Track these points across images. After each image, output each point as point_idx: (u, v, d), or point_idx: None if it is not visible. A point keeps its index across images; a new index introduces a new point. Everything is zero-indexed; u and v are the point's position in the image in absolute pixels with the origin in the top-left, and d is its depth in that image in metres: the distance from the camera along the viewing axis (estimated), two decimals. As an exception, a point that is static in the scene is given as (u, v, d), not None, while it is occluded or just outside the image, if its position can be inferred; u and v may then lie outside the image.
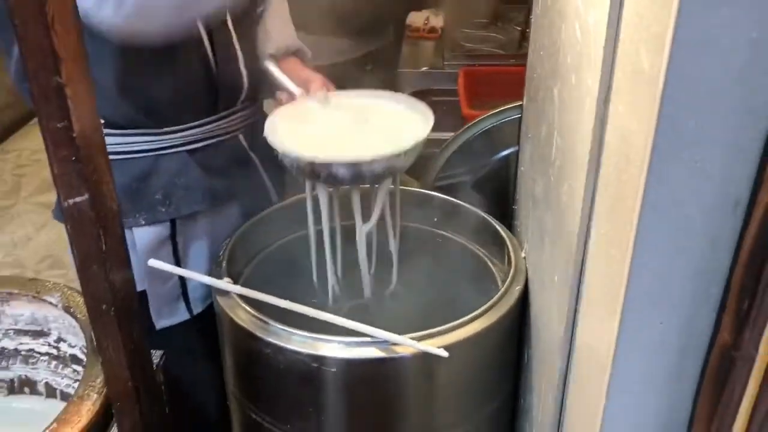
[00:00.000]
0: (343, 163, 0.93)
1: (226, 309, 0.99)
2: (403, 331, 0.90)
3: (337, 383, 0.93)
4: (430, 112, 1.02)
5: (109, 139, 1.04)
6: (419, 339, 0.90)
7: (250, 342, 0.95)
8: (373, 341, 0.90)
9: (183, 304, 1.19)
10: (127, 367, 0.89)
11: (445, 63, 1.98)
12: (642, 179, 0.49)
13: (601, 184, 0.59)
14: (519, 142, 1.19)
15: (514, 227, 1.20)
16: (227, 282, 1.01)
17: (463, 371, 0.96)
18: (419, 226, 1.21)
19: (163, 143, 1.12)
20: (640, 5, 0.50)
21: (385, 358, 0.90)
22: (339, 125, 1.05)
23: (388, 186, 1.00)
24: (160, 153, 1.12)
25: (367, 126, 1.04)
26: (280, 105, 1.13)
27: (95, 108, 0.74)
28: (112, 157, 1.07)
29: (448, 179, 1.29)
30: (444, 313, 1.05)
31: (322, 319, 0.93)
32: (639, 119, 0.49)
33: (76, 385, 1.02)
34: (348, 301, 1.11)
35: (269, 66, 1.16)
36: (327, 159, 0.94)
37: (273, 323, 0.93)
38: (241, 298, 0.98)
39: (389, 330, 0.91)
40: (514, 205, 1.23)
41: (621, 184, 0.54)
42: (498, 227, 1.12)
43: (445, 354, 0.87)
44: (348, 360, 0.90)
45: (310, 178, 1.00)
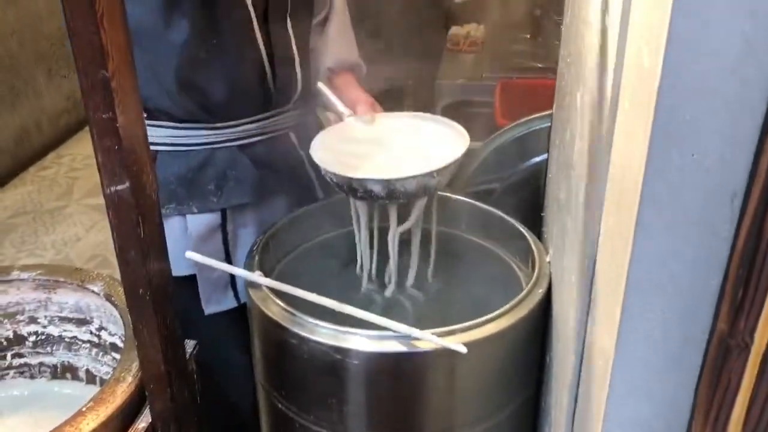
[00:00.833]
0: (377, 181, 0.98)
1: (256, 300, 1.03)
2: (427, 328, 0.93)
3: (360, 375, 0.96)
4: (466, 134, 1.07)
5: (169, 131, 1.19)
6: (440, 335, 0.92)
7: (278, 332, 0.98)
8: (396, 335, 0.93)
9: (231, 292, 1.26)
10: (161, 351, 0.94)
11: (484, 75, 2.00)
12: (641, 171, 0.51)
13: (609, 181, 0.62)
14: (548, 150, 1.21)
15: (543, 233, 1.21)
16: (258, 275, 1.05)
17: (484, 369, 0.98)
18: (448, 230, 1.24)
19: (217, 137, 1.19)
20: (643, 6, 0.52)
21: (406, 352, 0.93)
22: (379, 145, 1.10)
23: (423, 203, 1.04)
24: (214, 146, 1.20)
25: (405, 146, 1.09)
26: (329, 124, 1.19)
27: (139, 101, 0.79)
28: (172, 148, 1.21)
29: (479, 185, 1.32)
30: (468, 313, 1.07)
31: (346, 312, 0.96)
32: (640, 114, 0.52)
33: (114, 371, 1.07)
34: (377, 299, 1.14)
35: (321, 87, 1.22)
36: (362, 177, 0.98)
37: (299, 314, 0.97)
38: (271, 290, 1.02)
39: (413, 326, 0.93)
40: (542, 213, 1.24)
41: (624, 177, 0.56)
42: (524, 232, 1.14)
43: (463, 350, 0.89)
44: (370, 353, 0.93)
45: (349, 193, 1.04)
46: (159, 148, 1.20)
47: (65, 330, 1.27)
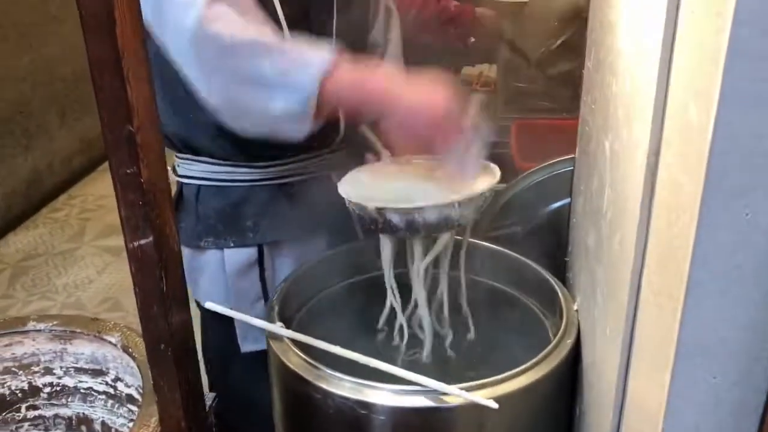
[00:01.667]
0: (395, 210, 0.95)
1: (277, 352, 1.00)
2: (452, 381, 0.90)
3: (385, 431, 0.93)
4: (497, 172, 1.04)
5: (211, 167, 1.22)
6: (469, 389, 0.89)
7: (300, 386, 0.96)
8: (423, 390, 0.90)
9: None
10: (182, 407, 0.91)
11: (499, 116, 2.00)
12: (692, 231, 0.49)
13: (652, 236, 0.60)
14: (571, 194, 1.19)
15: (567, 279, 1.19)
16: (279, 326, 1.03)
17: (513, 424, 0.95)
18: (470, 277, 1.21)
19: (255, 176, 1.21)
20: (689, 61, 0.51)
21: (434, 407, 0.90)
22: (409, 181, 1.08)
23: (445, 239, 1.02)
24: (253, 184, 1.21)
25: (435, 182, 1.06)
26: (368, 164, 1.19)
27: (163, 155, 0.79)
28: (212, 183, 1.22)
29: (500, 230, 1.30)
30: (495, 364, 1.05)
31: (372, 366, 0.94)
32: (688, 171, 0.50)
33: (131, 425, 1.04)
34: (402, 350, 1.11)
35: (363, 129, 1.22)
36: (380, 206, 0.96)
37: (323, 368, 0.94)
38: (293, 342, 1.00)
39: (439, 379, 0.91)
40: (566, 258, 1.22)
41: (671, 235, 0.54)
42: (550, 279, 1.11)
43: (494, 405, 0.87)
44: (396, 408, 0.91)
45: (371, 225, 1.03)
46: (201, 183, 1.23)
47: (81, 381, 1.25)
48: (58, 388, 1.25)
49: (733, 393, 0.53)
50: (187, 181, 1.24)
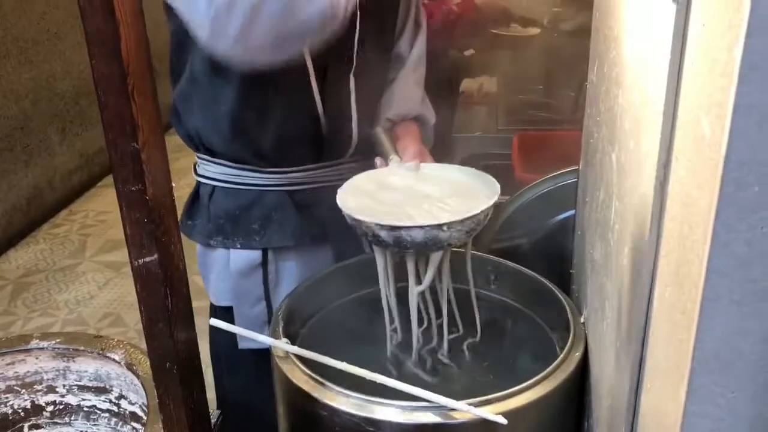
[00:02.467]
0: (382, 227, 0.95)
1: (282, 368, 0.99)
2: (458, 395, 0.89)
3: (393, 448, 0.92)
4: (496, 192, 1.02)
5: (222, 169, 1.24)
6: (477, 405, 0.88)
7: (306, 402, 0.95)
8: (430, 406, 0.89)
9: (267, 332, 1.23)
10: (187, 426, 0.90)
11: (499, 128, 2.00)
12: (706, 245, 0.49)
13: (663, 249, 0.59)
14: (576, 206, 1.19)
15: (572, 292, 1.18)
16: (285, 342, 1.02)
17: (522, 439, 0.94)
18: (475, 289, 1.21)
19: (266, 181, 1.23)
20: (699, 73, 0.50)
21: (442, 423, 0.89)
22: (410, 194, 1.07)
23: (438, 258, 1.01)
24: (263, 188, 1.23)
25: (435, 197, 1.05)
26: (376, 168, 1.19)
27: (168, 172, 0.78)
28: (225, 184, 1.25)
29: (504, 242, 1.29)
30: (501, 378, 1.04)
31: (379, 382, 0.93)
32: (701, 185, 0.49)
33: (135, 442, 1.03)
34: (404, 363, 1.10)
35: (377, 132, 1.22)
36: (368, 220, 0.96)
37: (329, 384, 0.93)
38: (298, 358, 0.99)
39: (444, 394, 0.90)
40: (571, 270, 1.22)
41: (685, 249, 0.54)
42: (556, 291, 1.11)
43: (503, 421, 0.86)
44: (404, 425, 0.90)
45: (362, 237, 1.02)
46: (215, 184, 1.26)
47: (84, 399, 1.24)
48: (61, 407, 1.24)
49: (751, 408, 0.52)
50: (204, 180, 1.28)
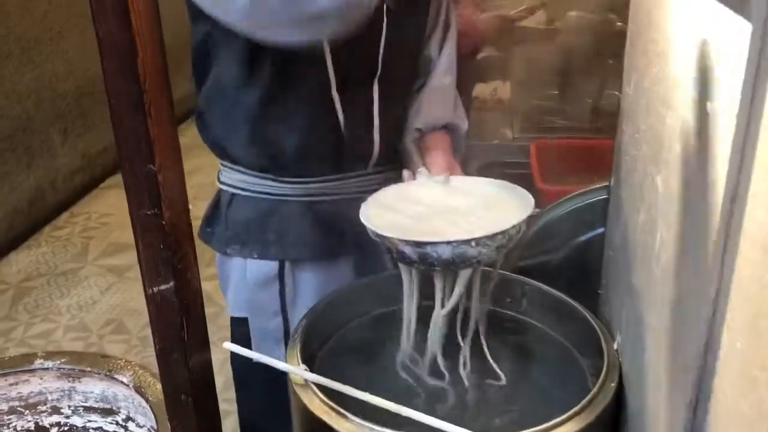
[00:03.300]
0: (407, 243, 0.89)
1: (300, 396, 0.94)
2: (483, 427, 0.84)
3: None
4: (530, 207, 0.96)
5: (240, 176, 1.20)
6: (508, 440, 0.84)
7: (326, 433, 0.90)
8: (458, 440, 0.84)
9: (283, 349, 1.20)
10: (201, 457, 0.86)
11: (515, 136, 1.94)
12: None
13: (735, 296, 0.54)
14: (606, 225, 1.14)
15: (601, 313, 1.13)
16: (303, 369, 0.97)
17: (554, 475, 0.89)
18: (499, 310, 1.16)
19: (285, 191, 1.18)
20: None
21: (470, 459, 0.84)
22: (438, 208, 1.02)
23: (466, 276, 0.95)
24: (281, 198, 1.19)
25: (464, 212, 1.00)
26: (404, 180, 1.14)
27: (185, 194, 0.73)
28: (241, 192, 1.21)
29: (530, 259, 1.24)
30: (530, 408, 0.99)
31: (404, 414, 0.88)
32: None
33: (144, 469, 0.99)
34: (427, 391, 1.05)
35: (405, 144, 1.18)
36: (392, 236, 0.90)
37: (350, 416, 0.88)
38: (317, 385, 0.94)
39: (470, 427, 0.85)
40: (600, 290, 1.17)
41: (764, 298, 0.48)
42: (587, 315, 1.06)
43: (537, 458, 0.81)
44: (430, 459, 0.85)
45: (387, 253, 0.97)
46: (235, 191, 1.22)
47: (90, 420, 1.19)
48: (66, 428, 1.19)
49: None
50: (225, 188, 1.24)
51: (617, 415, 0.95)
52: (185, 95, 1.53)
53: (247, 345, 1.23)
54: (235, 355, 1.32)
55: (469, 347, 1.05)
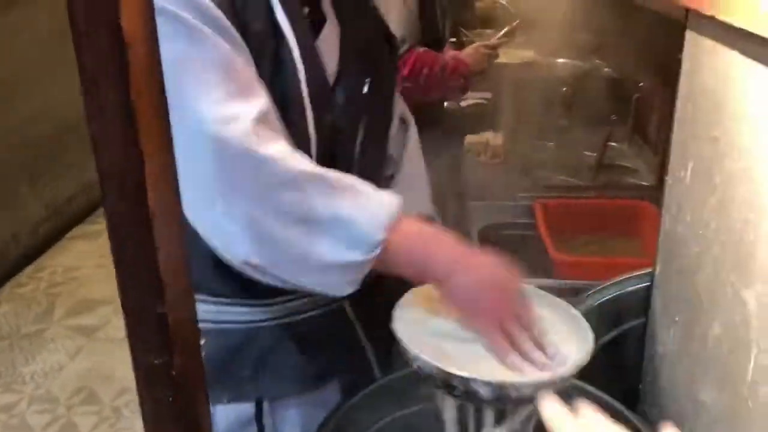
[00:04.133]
0: (486, 383, 0.78)
1: None
2: None
3: None
4: (589, 330, 0.88)
5: (205, 306, 1.00)
6: None
7: None
8: None
9: None
10: None
11: (518, 195, 1.84)
12: None
13: None
14: (647, 316, 1.03)
15: (643, 413, 1.03)
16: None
17: None
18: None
19: (259, 315, 1.01)
20: None
21: None
22: (465, 332, 0.90)
23: (529, 409, 0.83)
24: (256, 324, 1.02)
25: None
26: None
27: (198, 334, 0.60)
28: (212, 325, 1.01)
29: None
30: None
31: None
32: None
33: None
34: None
35: None
36: (468, 376, 0.78)
37: None
38: None
39: None
40: (639, 384, 1.06)
41: None
42: (636, 422, 0.94)
43: None
44: None
45: (443, 389, 0.84)
46: (202, 326, 1.00)
47: None
48: None
49: None
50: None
51: None
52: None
53: None
54: None
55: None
